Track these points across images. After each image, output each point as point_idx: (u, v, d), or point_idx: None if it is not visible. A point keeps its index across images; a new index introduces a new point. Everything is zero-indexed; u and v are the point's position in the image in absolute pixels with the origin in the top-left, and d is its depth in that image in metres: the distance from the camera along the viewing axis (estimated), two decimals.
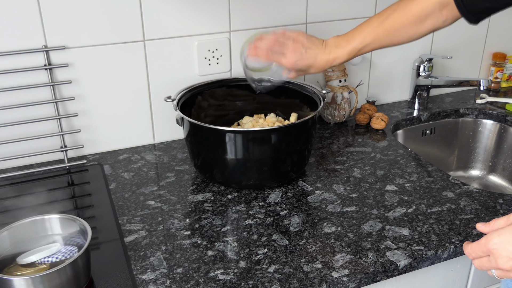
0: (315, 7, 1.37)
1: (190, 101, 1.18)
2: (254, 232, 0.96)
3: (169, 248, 0.91)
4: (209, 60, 1.30)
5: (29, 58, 1.13)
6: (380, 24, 0.96)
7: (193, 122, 1.04)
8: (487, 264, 0.72)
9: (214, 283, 0.83)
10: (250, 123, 1.22)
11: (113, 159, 1.24)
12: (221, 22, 1.28)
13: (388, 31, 0.96)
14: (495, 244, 0.69)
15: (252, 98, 1.27)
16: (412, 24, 0.94)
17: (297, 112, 1.23)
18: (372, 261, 0.88)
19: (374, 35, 0.96)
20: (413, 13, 0.93)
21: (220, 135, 1.03)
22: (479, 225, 0.75)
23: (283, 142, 1.04)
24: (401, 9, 0.94)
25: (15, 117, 1.15)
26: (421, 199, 1.07)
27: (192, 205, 1.05)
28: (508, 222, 0.70)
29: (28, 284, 0.73)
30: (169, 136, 1.32)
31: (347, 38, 0.99)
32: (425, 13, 0.92)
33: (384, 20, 0.96)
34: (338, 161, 1.23)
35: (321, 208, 1.04)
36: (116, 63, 1.21)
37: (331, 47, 0.99)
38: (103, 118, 1.25)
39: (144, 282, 0.83)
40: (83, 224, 0.84)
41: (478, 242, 0.72)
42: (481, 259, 0.72)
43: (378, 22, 0.96)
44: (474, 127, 1.57)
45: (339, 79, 1.42)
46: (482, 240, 0.71)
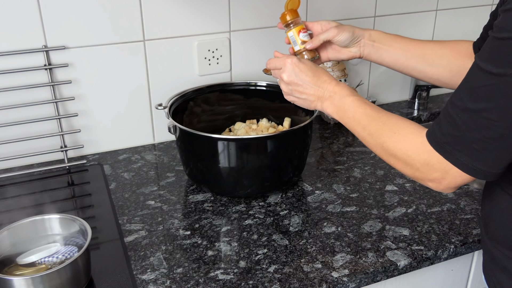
0: (315, 7, 1.37)
1: (182, 107, 1.15)
2: (254, 232, 0.96)
3: (169, 248, 0.91)
4: (209, 60, 1.30)
5: (29, 58, 1.13)
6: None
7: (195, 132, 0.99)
8: (276, 73, 0.92)
9: (214, 283, 0.83)
10: (243, 129, 1.19)
11: (113, 159, 1.24)
12: (221, 22, 1.28)
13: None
14: (290, 63, 0.89)
15: (243, 102, 1.24)
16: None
17: (290, 117, 1.20)
18: (372, 261, 0.88)
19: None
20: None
21: (215, 143, 0.99)
22: (276, 52, 0.94)
23: (281, 149, 1.02)
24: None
25: (15, 117, 1.15)
26: (421, 199, 1.07)
27: (192, 205, 1.05)
28: (306, 59, 0.91)
29: (28, 284, 0.73)
30: (169, 136, 1.32)
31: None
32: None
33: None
34: (338, 161, 1.23)
35: (321, 208, 1.04)
36: (116, 63, 1.21)
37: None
38: (103, 118, 1.25)
39: (144, 282, 0.83)
40: (83, 224, 0.84)
41: (280, 58, 0.91)
42: (275, 70, 0.92)
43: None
44: None
45: (339, 79, 1.42)
46: (285, 57, 0.90)
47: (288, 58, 0.89)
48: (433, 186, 0.72)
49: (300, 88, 0.89)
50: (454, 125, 0.65)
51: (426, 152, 0.70)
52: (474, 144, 0.64)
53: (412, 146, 0.72)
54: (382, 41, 0.99)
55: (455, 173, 0.68)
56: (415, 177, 0.74)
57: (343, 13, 1.41)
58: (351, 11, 1.42)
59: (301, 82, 0.88)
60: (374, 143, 0.79)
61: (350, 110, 0.82)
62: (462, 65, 0.93)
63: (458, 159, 0.66)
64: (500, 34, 0.59)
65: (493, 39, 0.61)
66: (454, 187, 0.71)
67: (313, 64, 0.90)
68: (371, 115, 0.80)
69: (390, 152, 0.76)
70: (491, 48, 0.61)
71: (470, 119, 0.63)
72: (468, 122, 0.63)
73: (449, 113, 0.66)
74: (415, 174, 0.73)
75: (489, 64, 0.60)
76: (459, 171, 0.67)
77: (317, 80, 0.87)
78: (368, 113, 0.80)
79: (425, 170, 0.71)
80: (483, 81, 0.61)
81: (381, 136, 0.77)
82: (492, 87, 0.60)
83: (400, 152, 0.74)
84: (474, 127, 0.63)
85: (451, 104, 0.66)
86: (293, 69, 0.88)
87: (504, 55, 0.59)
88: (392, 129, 0.76)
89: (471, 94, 0.63)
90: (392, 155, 0.76)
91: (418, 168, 0.72)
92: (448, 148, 0.67)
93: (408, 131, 0.74)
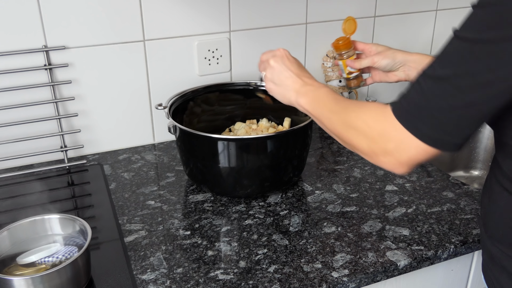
0: (315, 7, 1.37)
1: (182, 107, 1.15)
2: (254, 232, 0.96)
3: (169, 248, 0.91)
4: (209, 60, 1.30)
5: (29, 58, 1.13)
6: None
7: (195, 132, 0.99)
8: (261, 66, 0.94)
9: (214, 283, 0.83)
10: (243, 129, 1.20)
11: (113, 159, 1.24)
12: (221, 22, 1.28)
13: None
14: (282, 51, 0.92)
15: (243, 102, 1.25)
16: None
17: (290, 117, 1.20)
18: (372, 261, 0.88)
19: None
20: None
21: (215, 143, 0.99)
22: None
23: (281, 149, 1.02)
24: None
25: (15, 117, 1.15)
26: (421, 199, 1.07)
27: (192, 205, 1.05)
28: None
29: (28, 284, 0.73)
30: (169, 136, 1.32)
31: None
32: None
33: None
34: (338, 161, 1.23)
35: (321, 208, 1.04)
36: (116, 63, 1.21)
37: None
38: (103, 118, 1.25)
39: (144, 282, 0.83)
40: (83, 224, 0.84)
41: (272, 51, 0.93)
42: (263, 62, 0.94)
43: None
44: None
45: (339, 79, 1.42)
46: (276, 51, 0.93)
47: (281, 48, 0.93)
48: (387, 161, 0.70)
49: (282, 75, 0.90)
50: (419, 93, 0.64)
51: (385, 120, 0.68)
52: (437, 112, 0.62)
53: (373, 116, 0.71)
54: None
55: (411, 143, 0.65)
56: (370, 150, 0.72)
57: (344, 13, 1.41)
58: (351, 11, 1.42)
59: (285, 70, 0.89)
60: (337, 119, 0.78)
61: (321, 96, 0.83)
62: None
63: (418, 128, 0.64)
64: (479, 2, 0.59)
65: (472, 8, 0.60)
66: (407, 163, 0.68)
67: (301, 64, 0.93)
68: (339, 99, 0.80)
69: (351, 124, 0.74)
70: (469, 16, 0.60)
71: (436, 86, 0.62)
72: (434, 89, 0.62)
73: (418, 81, 0.65)
74: (370, 146, 0.71)
75: (465, 30, 0.60)
76: (416, 141, 0.65)
77: (300, 73, 0.89)
78: (337, 98, 0.81)
79: (380, 140, 0.69)
80: (457, 47, 0.60)
81: (345, 111, 0.77)
82: (465, 52, 0.59)
83: (360, 121, 0.73)
84: (439, 94, 0.61)
85: (422, 73, 0.65)
86: (282, 58, 0.91)
87: (480, 20, 0.58)
88: (357, 105, 0.76)
89: (442, 60, 0.62)
90: (352, 127, 0.74)
91: (374, 137, 0.70)
92: (409, 116, 0.65)
93: (373, 105, 0.73)
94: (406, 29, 1.53)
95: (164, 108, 1.08)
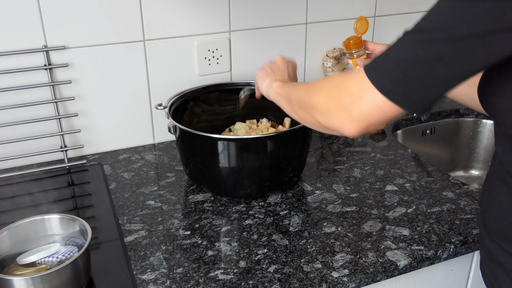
0: (315, 7, 1.37)
1: (182, 107, 1.15)
2: (254, 232, 0.96)
3: (169, 248, 0.91)
4: (209, 60, 1.30)
5: (29, 58, 1.13)
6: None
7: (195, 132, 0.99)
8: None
9: (214, 283, 0.83)
10: (243, 130, 1.20)
11: (113, 159, 1.24)
12: (221, 22, 1.28)
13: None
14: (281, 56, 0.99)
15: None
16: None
17: (290, 117, 1.20)
18: (372, 261, 0.88)
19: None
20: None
21: (215, 143, 0.99)
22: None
23: (281, 149, 1.02)
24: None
25: (15, 117, 1.15)
26: (421, 199, 1.07)
27: (192, 205, 1.05)
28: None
29: (28, 284, 0.73)
30: (169, 136, 1.32)
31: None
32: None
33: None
34: (338, 161, 1.23)
35: (321, 208, 1.04)
36: (116, 63, 1.21)
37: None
38: (103, 118, 1.25)
39: (144, 282, 0.83)
40: (83, 224, 0.84)
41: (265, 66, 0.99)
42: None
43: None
44: (474, 127, 1.57)
45: None
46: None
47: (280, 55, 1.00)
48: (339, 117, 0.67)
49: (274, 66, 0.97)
50: (392, 47, 0.62)
51: (349, 78, 0.67)
52: (403, 63, 0.60)
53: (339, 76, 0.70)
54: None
55: (368, 94, 0.63)
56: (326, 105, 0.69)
57: (343, 13, 1.41)
58: (351, 11, 1.42)
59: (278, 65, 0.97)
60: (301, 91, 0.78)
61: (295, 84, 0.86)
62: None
63: (380, 79, 0.62)
64: None
65: None
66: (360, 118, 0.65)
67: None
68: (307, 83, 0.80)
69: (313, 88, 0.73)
70: None
71: (409, 38, 0.60)
72: (406, 41, 0.60)
73: (398, 38, 0.63)
74: (327, 101, 0.69)
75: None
76: (374, 93, 0.62)
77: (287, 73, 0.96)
78: (305, 83, 0.81)
79: (338, 93, 0.67)
80: (440, 5, 0.59)
81: (312, 83, 0.76)
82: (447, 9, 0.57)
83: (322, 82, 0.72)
84: (410, 45, 0.60)
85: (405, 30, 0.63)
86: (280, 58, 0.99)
87: None
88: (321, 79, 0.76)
89: (424, 17, 0.60)
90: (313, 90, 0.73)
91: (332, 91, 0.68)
92: (374, 66, 0.63)
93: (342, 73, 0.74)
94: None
95: (164, 108, 1.08)
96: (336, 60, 1.42)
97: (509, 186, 0.70)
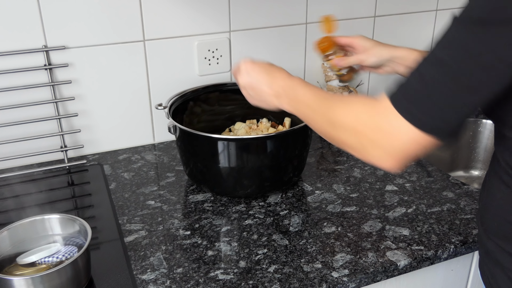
0: (315, 7, 1.37)
1: (182, 107, 1.15)
2: (254, 232, 0.96)
3: (169, 248, 0.91)
4: (209, 60, 1.30)
5: (29, 58, 1.13)
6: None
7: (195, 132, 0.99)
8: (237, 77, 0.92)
9: (214, 283, 0.83)
10: (243, 130, 1.20)
11: (113, 159, 1.24)
12: (221, 22, 1.28)
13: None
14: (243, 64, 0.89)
15: (243, 102, 1.24)
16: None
17: (291, 117, 1.20)
18: (372, 261, 0.88)
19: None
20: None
21: (215, 143, 0.99)
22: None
23: (281, 149, 1.02)
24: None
25: (15, 117, 1.15)
26: (421, 199, 1.07)
27: (192, 205, 1.05)
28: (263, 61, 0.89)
29: (28, 284, 0.73)
30: (169, 136, 1.32)
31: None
32: None
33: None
34: (338, 161, 1.23)
35: (321, 208, 1.04)
36: (116, 63, 1.21)
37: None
38: (103, 118, 1.25)
39: (144, 282, 0.83)
40: (83, 224, 0.84)
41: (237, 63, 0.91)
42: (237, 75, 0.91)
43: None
44: (474, 127, 1.57)
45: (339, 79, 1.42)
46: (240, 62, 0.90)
47: (242, 62, 0.89)
48: (376, 154, 0.66)
49: (257, 89, 0.87)
50: (418, 78, 0.62)
51: (375, 110, 0.65)
52: (436, 96, 0.60)
53: (362, 109, 0.68)
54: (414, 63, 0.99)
55: (402, 131, 0.62)
56: (359, 143, 0.68)
57: (343, 13, 1.41)
58: (351, 11, 1.42)
59: (256, 82, 0.87)
60: (321, 119, 0.75)
61: (301, 96, 0.80)
62: None
63: (413, 113, 0.61)
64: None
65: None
66: (398, 155, 0.64)
67: (268, 64, 0.89)
68: (321, 95, 0.78)
69: (338, 122, 0.71)
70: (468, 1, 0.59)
71: (436, 70, 0.60)
72: (433, 73, 0.60)
73: (417, 69, 0.62)
74: (359, 139, 0.68)
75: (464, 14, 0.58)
76: (408, 128, 0.62)
77: (271, 79, 0.86)
78: (318, 93, 0.78)
79: (369, 131, 0.66)
80: (458, 30, 0.59)
81: (330, 108, 0.73)
82: (467, 35, 0.58)
83: (347, 117, 0.70)
84: (439, 77, 0.59)
85: (422, 59, 0.63)
86: (248, 73, 0.88)
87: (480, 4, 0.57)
88: (343, 101, 0.73)
89: (443, 44, 0.60)
90: (339, 125, 0.71)
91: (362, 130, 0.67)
92: (404, 101, 0.62)
93: (359, 99, 0.71)
94: (406, 29, 1.53)
95: (164, 108, 1.08)
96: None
97: (507, 185, 0.71)
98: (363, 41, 1.03)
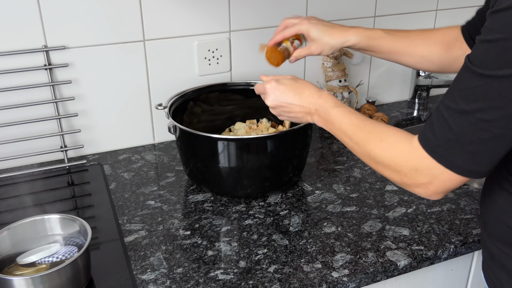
0: (315, 7, 1.37)
1: (182, 107, 1.15)
2: (254, 232, 0.96)
3: (169, 248, 0.91)
4: (209, 60, 1.30)
5: (29, 58, 1.13)
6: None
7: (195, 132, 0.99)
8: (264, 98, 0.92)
9: (214, 283, 0.83)
10: (243, 130, 1.20)
11: (113, 159, 1.24)
12: (221, 22, 1.28)
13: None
14: (270, 88, 0.89)
15: (243, 102, 1.25)
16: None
17: None
18: (372, 261, 0.88)
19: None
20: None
21: (215, 143, 0.99)
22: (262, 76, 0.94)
23: (281, 149, 1.02)
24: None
25: (15, 117, 1.15)
26: (421, 199, 1.07)
27: (192, 205, 1.05)
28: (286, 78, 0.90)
29: (28, 284, 0.73)
30: (169, 136, 1.32)
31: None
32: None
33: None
34: (338, 161, 1.23)
35: (321, 208, 1.04)
36: (116, 63, 1.21)
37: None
38: (103, 118, 1.25)
39: (144, 282, 0.83)
40: (83, 224, 0.84)
41: (262, 84, 0.91)
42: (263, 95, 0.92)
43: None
44: None
45: (339, 79, 1.42)
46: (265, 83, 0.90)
47: (267, 84, 0.90)
48: (421, 192, 0.72)
49: (286, 108, 0.89)
50: (447, 128, 0.65)
51: (414, 158, 0.70)
52: (468, 146, 0.63)
53: (400, 153, 0.72)
54: (369, 47, 1.00)
55: (445, 177, 0.67)
56: (403, 183, 0.73)
57: (343, 13, 1.41)
58: (351, 11, 1.42)
59: (285, 103, 0.88)
60: (361, 151, 0.78)
61: (336, 121, 0.82)
62: (452, 56, 0.96)
63: (452, 162, 0.66)
64: (489, 36, 0.59)
65: (482, 42, 0.61)
66: (442, 192, 0.70)
67: (293, 81, 0.89)
68: (356, 124, 0.80)
69: (378, 160, 0.75)
70: (482, 52, 0.61)
71: (464, 121, 0.63)
72: (462, 124, 0.63)
73: (443, 115, 0.66)
74: (403, 180, 0.73)
75: (481, 67, 0.60)
76: (450, 174, 0.66)
77: (300, 97, 0.87)
78: (354, 123, 0.80)
79: (413, 176, 0.71)
80: (476, 82, 0.61)
81: (368, 145, 0.77)
82: (486, 87, 0.60)
83: (387, 159, 0.74)
84: (468, 129, 0.63)
85: (444, 105, 0.66)
86: (274, 93, 0.89)
87: (495, 57, 0.59)
88: (378, 137, 0.76)
89: (464, 95, 0.63)
90: (379, 163, 0.75)
91: (406, 174, 0.71)
92: (441, 150, 0.66)
93: (394, 138, 0.74)
94: (406, 29, 1.53)
95: (164, 108, 1.08)
96: (336, 60, 1.42)
97: (508, 192, 0.71)
98: (311, 30, 0.99)
